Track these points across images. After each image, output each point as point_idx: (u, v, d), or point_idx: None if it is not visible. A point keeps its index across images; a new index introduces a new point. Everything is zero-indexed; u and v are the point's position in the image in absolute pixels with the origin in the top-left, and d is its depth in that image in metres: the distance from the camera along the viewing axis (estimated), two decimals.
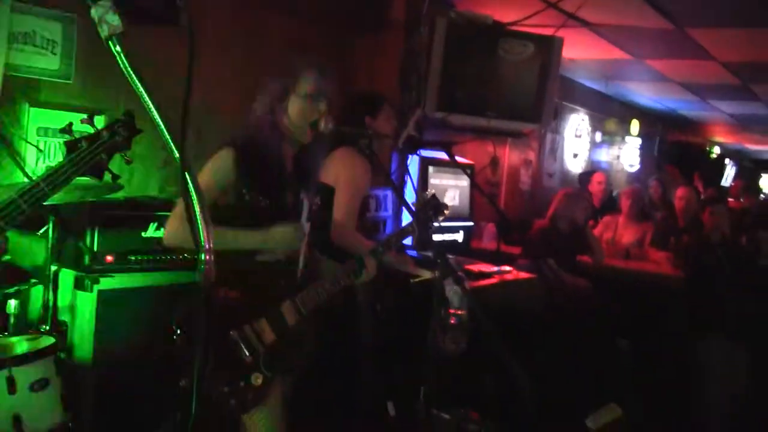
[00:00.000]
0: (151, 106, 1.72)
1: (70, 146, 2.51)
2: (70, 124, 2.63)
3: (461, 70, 7.59)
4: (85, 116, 2.73)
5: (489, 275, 6.05)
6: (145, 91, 1.73)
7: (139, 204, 5.28)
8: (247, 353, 3.60)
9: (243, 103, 3.95)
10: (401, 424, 5.55)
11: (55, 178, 2.42)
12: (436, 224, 4.13)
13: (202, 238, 1.67)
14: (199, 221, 1.68)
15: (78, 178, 2.59)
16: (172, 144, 1.71)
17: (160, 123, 1.71)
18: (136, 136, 2.73)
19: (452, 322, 4.23)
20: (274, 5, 6.73)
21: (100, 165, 2.51)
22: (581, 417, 5.92)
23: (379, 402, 5.65)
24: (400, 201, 3.90)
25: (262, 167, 3.67)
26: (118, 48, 1.72)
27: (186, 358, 3.61)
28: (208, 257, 1.66)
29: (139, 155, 5.83)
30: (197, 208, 1.69)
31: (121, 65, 1.72)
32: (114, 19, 1.74)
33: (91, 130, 2.68)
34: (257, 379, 3.61)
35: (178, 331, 3.58)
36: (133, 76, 1.72)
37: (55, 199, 4.07)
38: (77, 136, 2.62)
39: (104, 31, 1.73)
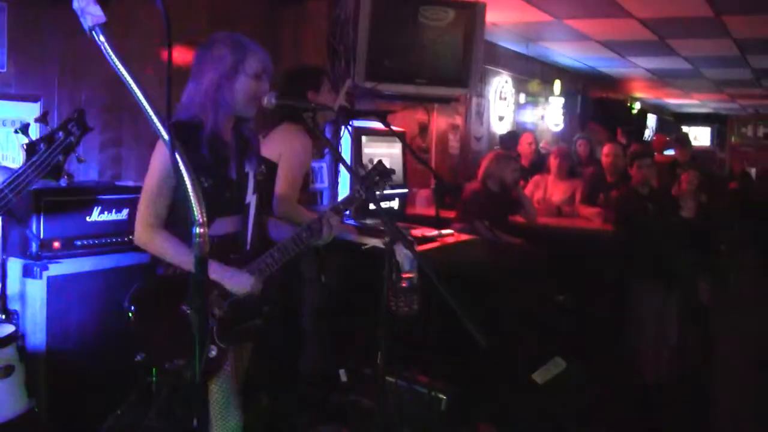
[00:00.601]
0: (139, 93, 1.78)
1: (29, 149, 2.54)
2: (27, 124, 2.65)
3: (388, 39, 7.67)
4: (37, 115, 2.75)
5: (431, 239, 6.16)
6: (132, 79, 1.78)
7: (81, 189, 5.30)
8: None
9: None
10: (354, 390, 5.66)
11: (17, 184, 2.45)
12: (383, 190, 4.21)
13: (195, 213, 1.74)
14: (191, 197, 1.75)
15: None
16: (158, 125, 1.77)
17: (149, 110, 1.78)
18: (87, 133, 2.75)
19: (404, 285, 4.33)
20: None
21: (58, 166, 2.55)
22: (528, 372, 6.09)
23: (330, 369, 5.76)
24: (347, 169, 3.95)
25: (202, 148, 3.70)
26: (102, 38, 1.78)
27: (140, 334, 3.69)
28: (201, 230, 1.74)
29: (82, 139, 5.85)
30: (189, 184, 1.76)
31: (107, 55, 1.77)
32: (96, 10, 1.80)
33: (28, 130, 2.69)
34: (212, 351, 3.69)
35: (132, 308, 3.64)
36: (119, 64, 1.78)
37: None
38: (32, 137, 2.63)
39: (87, 22, 1.78)
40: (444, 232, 6.47)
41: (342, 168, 7.30)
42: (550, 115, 15.11)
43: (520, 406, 5.95)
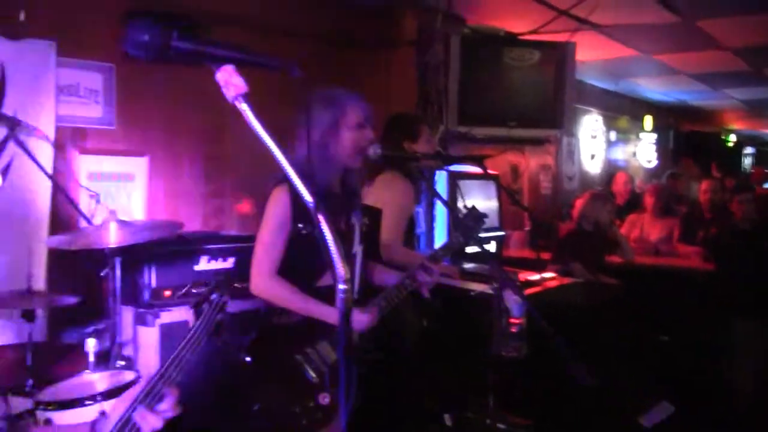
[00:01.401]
0: (282, 157, 1.87)
1: (196, 311, 2.71)
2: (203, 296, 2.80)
3: (477, 83, 7.76)
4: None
5: (534, 284, 6.17)
6: (273, 143, 1.88)
7: (189, 239, 5.45)
8: (313, 374, 3.77)
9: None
10: None
11: (192, 344, 2.59)
12: (478, 234, 4.26)
13: (338, 270, 1.83)
14: (334, 255, 1.83)
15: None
16: (302, 188, 1.86)
17: (291, 171, 1.87)
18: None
19: (513, 330, 4.38)
20: (285, 30, 6.89)
21: (219, 324, 2.72)
22: (633, 414, 6.04)
23: (434, 413, 5.78)
24: (450, 214, 4.03)
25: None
26: (245, 106, 1.88)
27: (257, 384, 3.79)
28: (345, 287, 1.82)
29: (183, 190, 6.02)
30: (331, 241, 1.84)
31: (250, 122, 1.87)
32: (238, 81, 1.90)
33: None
34: (324, 399, 3.76)
35: (248, 359, 3.75)
36: (261, 130, 1.87)
37: (124, 240, 4.32)
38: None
39: (230, 92, 1.88)
40: (545, 275, 6.47)
41: (437, 213, 7.37)
42: (641, 152, 15.03)
43: None
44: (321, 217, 1.84)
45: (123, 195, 5.58)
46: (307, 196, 1.88)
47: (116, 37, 5.53)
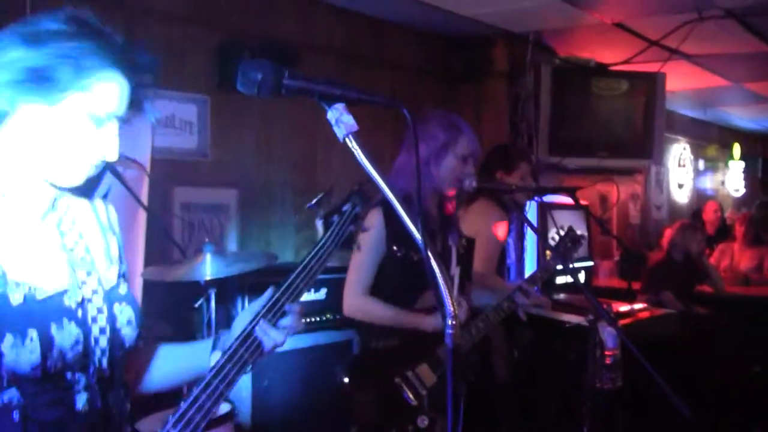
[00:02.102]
0: (389, 194, 1.89)
1: (326, 222, 2.65)
2: (318, 202, 2.75)
3: (568, 114, 7.76)
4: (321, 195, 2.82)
5: (627, 315, 6.12)
6: (382, 180, 1.90)
7: (281, 271, 5.49)
8: (412, 397, 3.78)
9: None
10: None
11: (321, 255, 2.52)
12: (576, 257, 4.27)
13: (447, 304, 1.84)
14: (442, 290, 1.85)
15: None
16: (410, 224, 1.88)
17: (398, 206, 1.89)
18: (370, 203, 2.85)
19: (608, 362, 4.35)
20: (380, 61, 6.97)
21: (351, 236, 2.66)
22: None
23: None
24: (541, 242, 4.05)
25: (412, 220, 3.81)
26: (354, 145, 1.90)
27: (355, 406, 3.82)
28: (453, 322, 1.83)
29: (275, 223, 6.09)
30: (439, 275, 1.86)
31: (360, 159, 1.90)
32: (349, 119, 1.93)
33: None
34: (423, 422, 3.77)
35: (347, 381, 3.78)
36: (371, 168, 1.90)
37: (219, 272, 4.36)
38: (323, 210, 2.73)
39: (341, 131, 1.91)
40: (636, 306, 6.42)
41: (527, 243, 7.36)
42: (730, 180, 14.83)
43: None
44: (430, 254, 1.84)
45: (217, 225, 5.66)
46: (416, 234, 1.90)
47: (210, 70, 5.65)
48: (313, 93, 1.93)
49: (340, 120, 1.93)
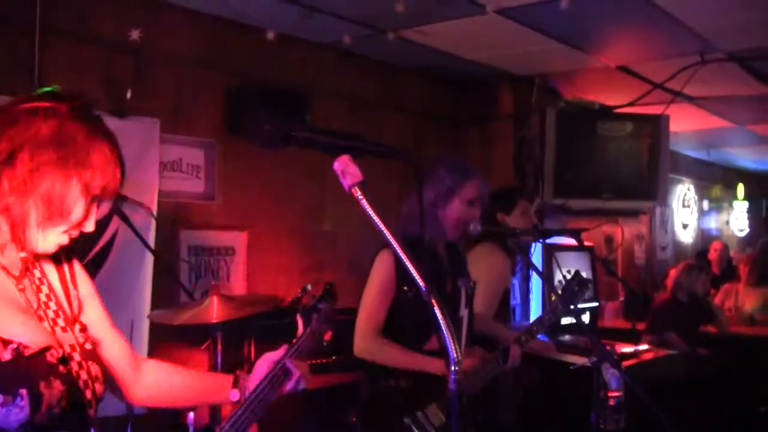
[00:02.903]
0: (393, 242, 1.94)
1: (305, 318, 2.79)
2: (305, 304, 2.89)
3: (573, 156, 7.80)
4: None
5: (630, 356, 6.13)
6: (386, 230, 1.95)
7: (288, 313, 5.53)
8: None
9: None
10: None
11: (298, 348, 2.69)
12: (582, 301, 4.30)
13: (451, 351, 1.88)
14: (445, 336, 1.89)
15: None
16: (413, 271, 1.93)
17: (402, 255, 1.94)
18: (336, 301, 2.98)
19: (611, 404, 4.37)
20: (388, 105, 7.04)
21: (322, 337, 2.80)
22: None
23: None
24: (548, 286, 4.08)
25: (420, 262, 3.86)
26: (359, 194, 1.95)
27: None
28: (457, 368, 1.87)
29: (282, 266, 6.13)
30: (443, 324, 1.90)
31: (365, 209, 1.95)
32: (355, 170, 1.98)
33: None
34: None
35: (358, 422, 3.82)
36: (375, 218, 1.95)
37: (226, 315, 4.39)
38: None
39: (347, 181, 1.96)
40: (640, 348, 6.43)
41: (533, 285, 7.39)
42: (734, 220, 14.86)
43: None
44: (434, 302, 1.89)
45: (224, 268, 5.70)
46: (419, 281, 1.94)
47: (218, 114, 5.71)
48: (321, 145, 1.98)
49: (346, 171, 1.98)
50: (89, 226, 2.10)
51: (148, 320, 5.18)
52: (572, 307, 4.30)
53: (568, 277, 4.42)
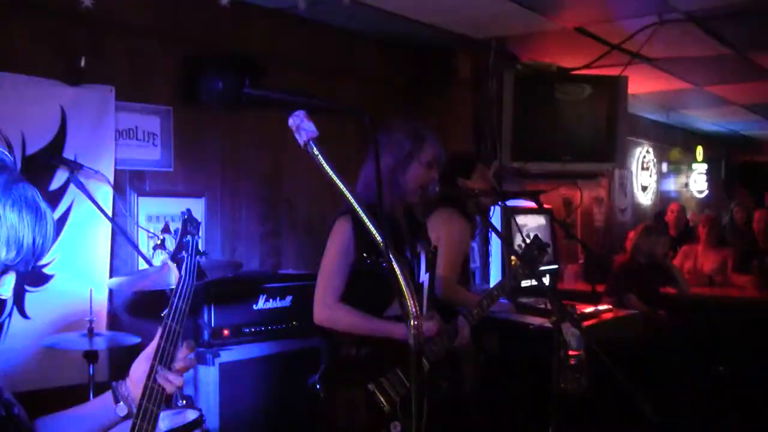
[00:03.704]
0: (351, 198, 1.92)
1: (176, 261, 2.64)
2: (163, 239, 2.74)
3: (530, 119, 7.78)
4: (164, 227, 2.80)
5: (590, 316, 6.16)
6: (343, 186, 1.93)
7: (247, 279, 5.53)
8: (384, 403, 3.80)
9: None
10: None
11: (184, 294, 2.53)
12: (542, 264, 4.30)
13: (409, 306, 1.86)
14: (405, 291, 1.87)
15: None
16: (372, 227, 1.91)
17: (360, 211, 1.91)
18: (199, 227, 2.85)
19: (572, 363, 4.39)
20: (344, 72, 6.99)
21: (200, 268, 2.68)
22: None
23: None
24: (508, 248, 4.08)
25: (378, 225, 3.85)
26: (315, 150, 1.93)
27: (329, 414, 3.84)
28: (415, 322, 1.86)
29: (240, 231, 6.10)
30: (401, 280, 1.88)
31: (321, 165, 1.92)
32: (309, 126, 1.95)
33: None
34: (396, 428, 3.80)
35: (321, 389, 3.81)
36: (332, 173, 1.92)
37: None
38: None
39: (302, 137, 1.93)
40: (601, 308, 6.46)
41: (492, 248, 7.40)
42: (693, 183, 14.95)
43: None
44: (391, 256, 1.87)
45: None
46: (377, 235, 1.92)
47: (174, 81, 5.66)
48: (274, 101, 1.95)
49: (301, 126, 1.95)
50: None
51: (108, 288, 5.15)
52: (532, 271, 4.28)
53: (528, 241, 4.43)
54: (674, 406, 6.03)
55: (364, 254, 3.88)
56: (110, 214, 5.10)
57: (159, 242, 2.73)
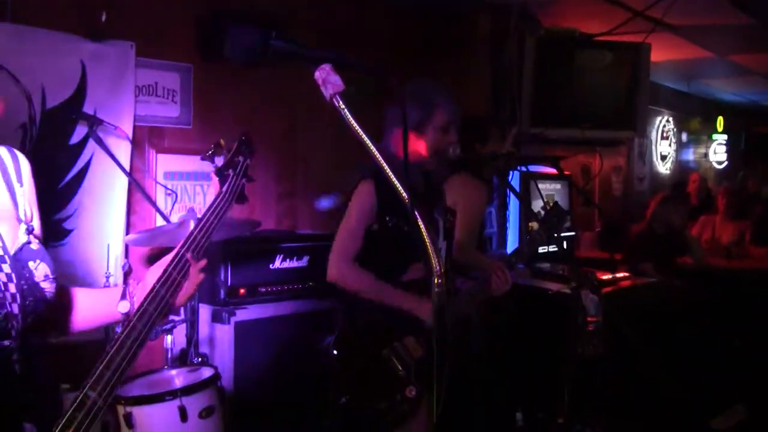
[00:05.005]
0: (377, 155, 1.90)
1: (220, 177, 2.58)
2: (212, 153, 2.67)
3: (551, 85, 7.73)
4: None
5: (608, 283, 6.15)
6: (369, 141, 1.91)
7: (264, 238, 5.52)
8: (400, 368, 3.81)
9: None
10: None
11: (218, 211, 2.46)
12: (562, 232, 4.28)
13: (433, 264, 1.85)
14: (429, 249, 1.85)
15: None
16: (398, 185, 1.89)
17: (386, 167, 1.89)
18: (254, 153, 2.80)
19: (589, 329, 4.38)
20: (363, 35, 6.93)
21: (242, 190, 2.63)
22: (704, 417, 5.99)
23: (505, 412, 5.79)
24: (527, 215, 4.05)
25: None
26: (341, 104, 1.91)
27: (344, 378, 3.84)
28: (439, 281, 1.84)
29: (257, 191, 6.08)
30: (425, 236, 1.86)
31: (346, 120, 1.90)
32: (336, 80, 1.93)
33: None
34: (411, 392, 3.81)
35: (336, 353, 3.80)
36: (357, 128, 1.90)
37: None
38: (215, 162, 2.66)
39: (328, 91, 1.91)
40: (619, 275, 6.45)
41: (510, 213, 7.37)
42: (713, 153, 14.87)
43: None
44: (416, 213, 1.85)
45: (200, 193, 5.66)
46: (402, 192, 1.90)
47: (194, 38, 5.63)
48: (300, 55, 1.93)
49: (328, 80, 1.93)
50: None
51: (124, 244, 5.15)
52: (550, 238, 4.26)
53: (547, 208, 4.40)
54: (688, 376, 6.01)
55: (387, 218, 3.87)
56: (128, 170, 5.10)
57: (209, 154, 2.67)
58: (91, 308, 2.49)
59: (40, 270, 2.13)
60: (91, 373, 2.03)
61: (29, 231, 2.18)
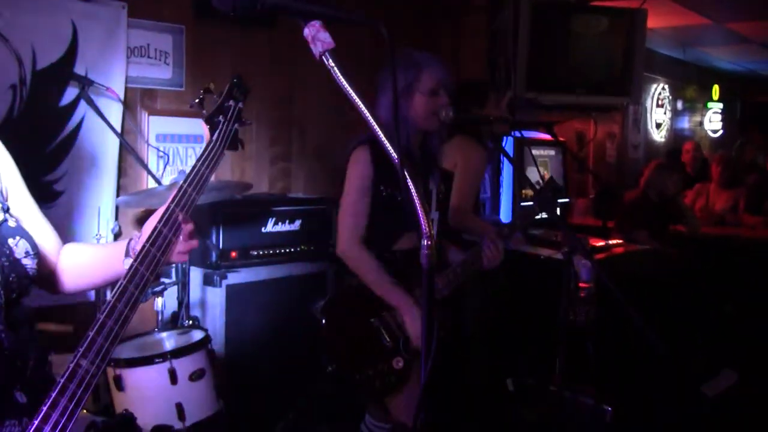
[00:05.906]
0: (367, 113, 1.86)
1: (210, 124, 2.51)
2: (201, 99, 2.59)
3: (546, 50, 7.68)
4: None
5: (601, 249, 6.14)
6: (360, 100, 1.87)
7: (257, 201, 5.50)
8: (387, 338, 3.80)
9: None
10: (520, 400, 5.68)
11: (210, 158, 2.41)
12: (556, 207, 4.24)
13: (423, 226, 1.82)
14: (419, 210, 1.82)
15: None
16: (389, 146, 1.85)
17: (376, 127, 1.86)
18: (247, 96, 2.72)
19: (582, 295, 4.37)
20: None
21: (235, 136, 2.55)
22: (695, 383, 6.00)
23: (496, 378, 5.78)
24: (521, 181, 4.02)
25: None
26: (331, 62, 1.87)
27: (332, 345, 3.82)
28: (429, 243, 1.81)
29: (250, 153, 6.05)
30: (416, 198, 1.83)
31: (336, 77, 1.86)
32: (325, 37, 1.90)
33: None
34: (398, 363, 3.79)
35: (324, 320, 3.78)
36: (347, 86, 1.86)
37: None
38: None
39: (317, 48, 1.88)
40: (612, 242, 6.44)
41: (504, 178, 7.35)
42: (708, 122, 14.84)
43: (690, 419, 5.88)
44: (407, 174, 1.82)
45: (191, 156, 5.63)
46: (394, 154, 1.87)
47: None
48: (290, 9, 1.89)
49: (317, 37, 1.90)
50: None
51: (115, 206, 5.12)
52: (545, 213, 4.21)
53: (543, 183, 4.37)
54: (680, 343, 6.02)
55: (381, 187, 3.84)
56: (120, 131, 5.06)
57: (197, 101, 2.58)
58: (91, 266, 2.48)
59: (21, 246, 2.11)
60: (82, 340, 2.00)
61: (5, 209, 2.15)
